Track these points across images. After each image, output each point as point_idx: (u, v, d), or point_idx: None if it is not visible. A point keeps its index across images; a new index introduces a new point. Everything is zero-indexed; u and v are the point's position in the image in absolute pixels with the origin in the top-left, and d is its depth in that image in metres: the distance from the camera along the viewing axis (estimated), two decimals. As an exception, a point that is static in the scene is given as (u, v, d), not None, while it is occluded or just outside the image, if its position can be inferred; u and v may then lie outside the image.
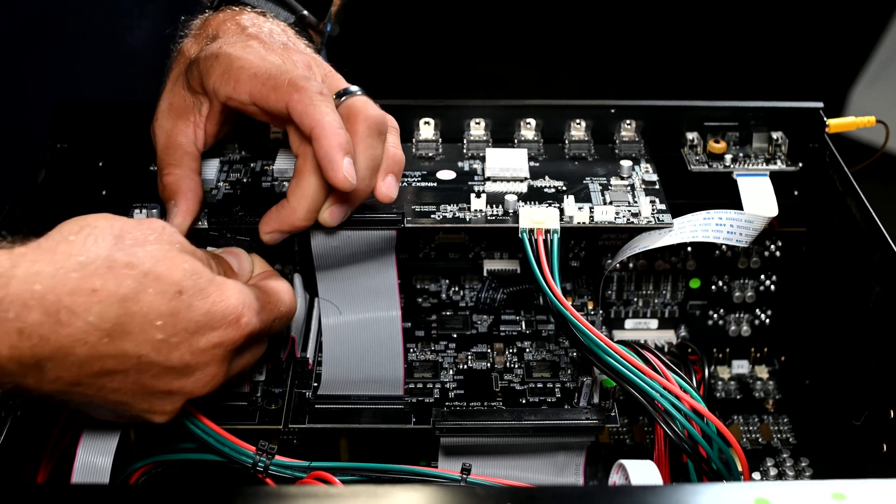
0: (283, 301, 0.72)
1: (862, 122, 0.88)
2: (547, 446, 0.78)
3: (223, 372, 0.68)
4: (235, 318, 0.66)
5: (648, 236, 0.82)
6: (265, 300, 0.70)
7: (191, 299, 0.64)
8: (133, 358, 0.63)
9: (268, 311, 0.70)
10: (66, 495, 0.62)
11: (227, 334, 0.66)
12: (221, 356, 0.67)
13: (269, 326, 0.71)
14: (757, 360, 0.97)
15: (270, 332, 0.72)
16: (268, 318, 0.70)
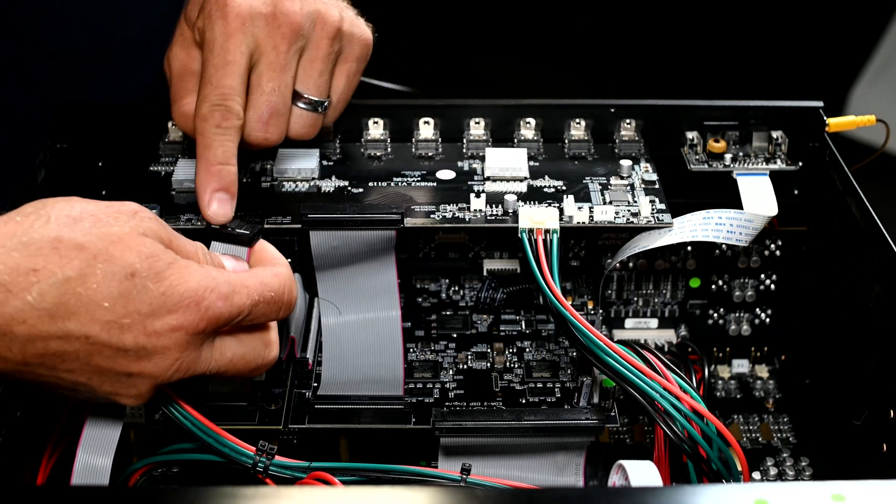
0: (269, 286, 0.70)
1: (862, 121, 0.88)
2: (547, 446, 0.78)
3: (193, 357, 0.66)
4: (194, 301, 0.65)
5: (648, 236, 0.82)
6: (239, 285, 0.68)
7: (145, 281, 0.64)
8: (80, 339, 0.63)
9: (244, 295, 0.68)
10: (66, 496, 0.62)
11: (186, 318, 0.65)
12: (184, 340, 0.65)
13: (247, 312, 0.68)
14: (757, 359, 0.97)
15: (257, 319, 0.70)
16: (243, 303, 0.67)
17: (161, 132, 0.88)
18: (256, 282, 0.69)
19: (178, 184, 0.82)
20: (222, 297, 0.66)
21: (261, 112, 0.78)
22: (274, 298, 0.70)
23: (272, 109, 0.78)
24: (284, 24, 0.77)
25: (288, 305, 0.71)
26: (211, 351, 0.68)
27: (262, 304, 0.69)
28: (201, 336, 0.66)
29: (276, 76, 0.77)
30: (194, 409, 0.75)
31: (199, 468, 0.85)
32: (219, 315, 0.66)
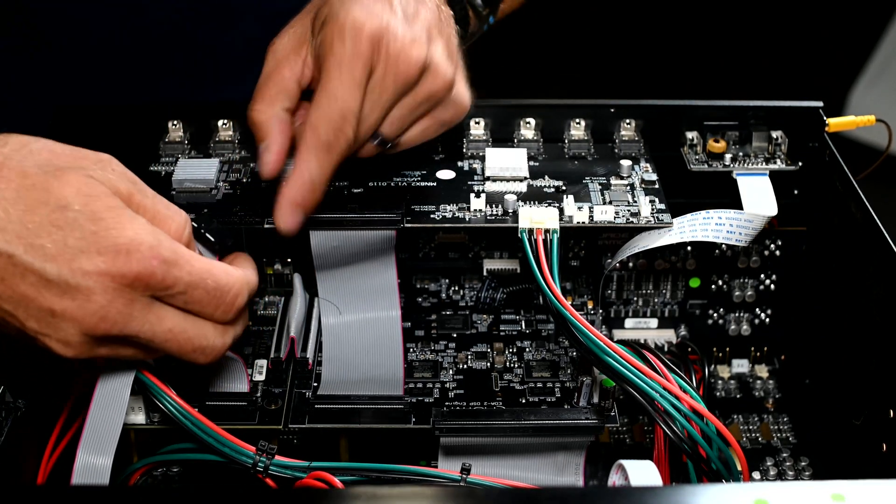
0: (216, 277, 0.68)
1: (862, 121, 0.88)
2: (547, 446, 0.78)
3: (122, 312, 0.65)
4: (126, 250, 0.64)
5: (648, 236, 0.82)
6: (185, 259, 0.67)
7: (77, 216, 0.64)
8: (3, 256, 0.63)
9: (185, 270, 0.66)
10: (66, 495, 0.62)
11: (115, 265, 0.64)
12: (111, 288, 0.64)
13: (182, 289, 0.66)
14: (757, 359, 0.97)
15: (193, 305, 0.68)
16: (179, 277, 0.66)
17: (161, 132, 0.88)
18: (204, 267, 0.68)
19: (178, 184, 0.82)
20: (160, 258, 0.65)
21: None
22: (215, 291, 0.68)
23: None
24: (402, 70, 0.74)
25: (228, 308, 0.69)
26: (146, 313, 0.66)
27: (201, 291, 0.67)
28: (131, 291, 0.65)
29: (367, 112, 0.75)
30: (194, 409, 0.76)
31: (199, 468, 0.85)
32: (150, 274, 0.65)
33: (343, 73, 0.72)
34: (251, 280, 0.72)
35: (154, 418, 0.80)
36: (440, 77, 0.76)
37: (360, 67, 0.72)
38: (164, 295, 0.67)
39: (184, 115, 0.88)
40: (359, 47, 0.72)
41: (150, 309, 0.67)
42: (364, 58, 0.72)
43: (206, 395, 0.81)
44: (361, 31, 0.72)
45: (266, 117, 0.76)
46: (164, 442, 0.80)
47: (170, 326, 0.68)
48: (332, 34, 0.73)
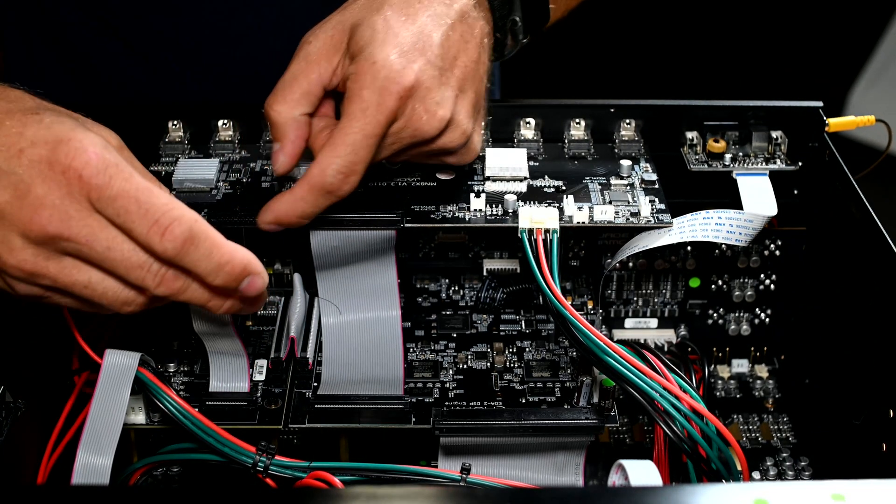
0: (155, 195, 0.66)
1: (862, 121, 0.88)
2: (547, 446, 0.78)
3: (52, 202, 0.64)
4: (69, 140, 0.65)
5: (648, 236, 0.82)
6: (128, 172, 0.66)
7: (43, 116, 0.66)
8: None
9: (122, 178, 0.65)
10: (66, 495, 0.62)
11: (54, 153, 0.64)
12: (49, 177, 0.64)
13: (115, 193, 0.65)
14: (757, 359, 0.97)
15: (122, 218, 0.65)
16: (115, 181, 0.65)
17: (161, 132, 0.88)
18: (145, 184, 0.66)
19: (179, 183, 0.82)
20: (100, 156, 0.65)
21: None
22: (148, 206, 0.65)
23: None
24: (423, 129, 0.74)
25: (161, 230, 0.65)
26: (84, 216, 0.65)
27: (134, 203, 0.65)
28: (67, 184, 0.64)
29: (377, 153, 0.74)
30: (194, 409, 0.76)
31: (199, 468, 0.85)
32: (86, 164, 0.64)
33: (365, 125, 0.71)
34: (197, 219, 0.67)
35: (154, 418, 0.80)
36: (458, 132, 0.76)
37: (383, 120, 0.72)
38: (100, 199, 0.65)
39: (184, 115, 0.88)
40: (386, 101, 0.71)
41: (90, 214, 0.65)
42: (389, 112, 0.72)
43: (206, 394, 0.81)
44: (393, 85, 0.71)
45: (284, 119, 0.75)
46: (164, 442, 0.80)
47: (107, 239, 0.66)
48: (364, 77, 0.72)
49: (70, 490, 0.67)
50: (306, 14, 0.80)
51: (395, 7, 0.74)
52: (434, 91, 0.73)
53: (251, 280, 0.68)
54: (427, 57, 0.73)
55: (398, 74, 0.72)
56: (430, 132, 0.74)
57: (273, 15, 1.05)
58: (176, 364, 0.85)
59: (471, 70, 0.76)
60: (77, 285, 0.67)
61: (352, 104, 0.72)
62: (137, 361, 0.76)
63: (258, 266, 0.69)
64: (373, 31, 0.73)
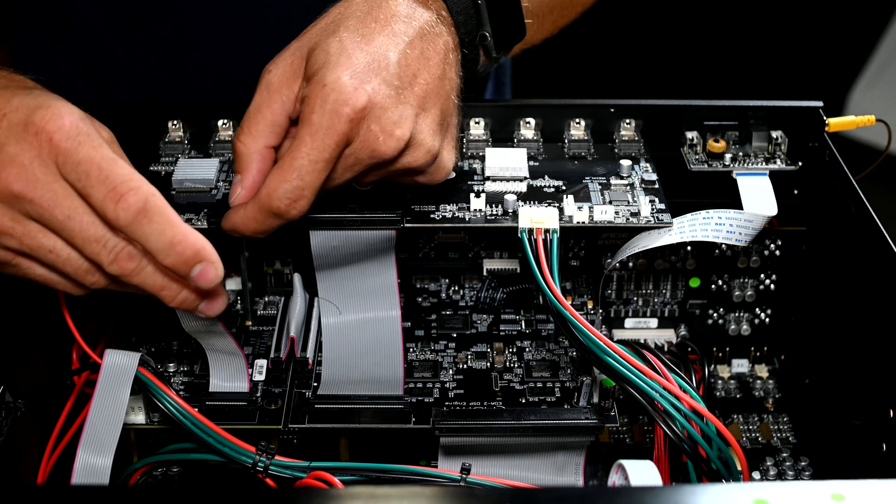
0: (118, 165, 0.67)
1: (862, 121, 0.88)
2: (547, 446, 0.78)
3: (21, 162, 0.66)
4: (48, 106, 0.67)
5: (648, 236, 0.82)
6: (98, 143, 0.67)
7: (35, 91, 0.70)
8: None
9: (90, 146, 0.67)
10: (66, 495, 0.62)
11: (31, 116, 0.67)
12: (21, 138, 0.67)
13: (79, 159, 0.67)
14: (757, 359, 0.97)
15: (88, 183, 0.67)
16: (82, 148, 0.67)
17: (161, 132, 0.88)
18: (110, 155, 0.68)
19: (179, 183, 0.82)
20: (74, 125, 0.67)
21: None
22: (110, 174, 0.67)
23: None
24: (380, 150, 0.72)
25: (117, 196, 0.66)
26: (51, 180, 0.67)
27: (96, 169, 0.66)
28: (38, 145, 0.66)
29: (337, 174, 0.73)
30: (194, 409, 0.76)
31: (199, 468, 0.85)
32: (58, 129, 0.67)
33: (313, 149, 0.70)
34: (155, 193, 0.68)
35: (154, 418, 0.80)
36: (422, 151, 0.74)
37: (332, 144, 0.70)
38: (65, 163, 0.67)
39: (184, 115, 0.88)
40: (336, 125, 0.70)
41: (56, 180, 0.67)
42: (339, 135, 0.70)
43: (206, 394, 0.81)
44: (342, 107, 0.70)
45: (249, 151, 0.73)
46: (164, 442, 0.80)
47: (69, 207, 0.67)
48: (314, 100, 0.70)
49: (70, 490, 0.67)
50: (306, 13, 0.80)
51: (350, 29, 0.73)
52: (390, 110, 0.71)
53: (203, 268, 0.68)
54: (382, 76, 0.72)
55: (349, 96, 0.70)
56: (388, 152, 0.72)
57: (274, 14, 1.05)
58: (176, 364, 0.85)
59: (433, 87, 0.75)
60: (42, 249, 0.68)
61: (301, 128, 0.71)
62: (137, 361, 0.76)
63: (212, 255, 0.68)
64: (326, 55, 0.71)
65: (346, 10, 0.74)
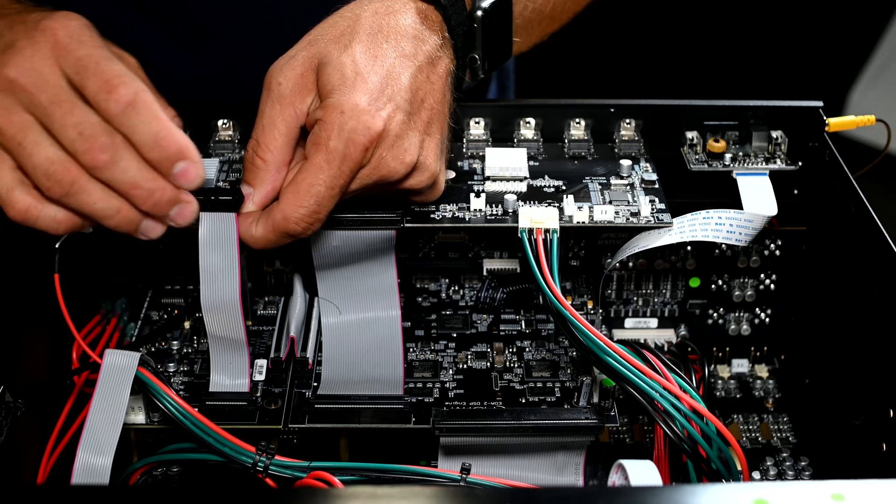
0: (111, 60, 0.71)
1: (862, 120, 0.88)
2: (547, 446, 0.78)
3: (21, 58, 0.70)
4: (58, 13, 0.71)
5: (648, 235, 0.82)
6: (97, 43, 0.71)
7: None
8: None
9: (92, 45, 0.70)
10: (66, 495, 0.62)
11: (44, 20, 0.70)
12: (30, 35, 0.70)
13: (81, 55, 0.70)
14: (757, 359, 0.97)
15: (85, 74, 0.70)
16: (84, 46, 0.70)
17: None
18: (106, 53, 0.71)
19: None
20: (83, 23, 0.72)
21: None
22: (105, 66, 0.70)
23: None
24: (389, 175, 0.74)
25: (109, 87, 0.69)
26: (38, 80, 0.69)
27: (94, 63, 0.70)
28: (40, 46, 0.70)
29: (343, 193, 0.74)
30: (194, 409, 0.76)
31: (199, 468, 0.85)
32: (66, 25, 0.71)
33: (330, 177, 0.71)
34: (145, 90, 0.71)
35: (154, 418, 0.80)
36: (426, 175, 0.76)
37: (347, 172, 0.72)
38: (66, 57, 0.70)
39: (184, 114, 0.88)
40: (352, 153, 0.71)
41: (52, 72, 0.70)
42: (355, 163, 0.71)
43: (206, 394, 0.81)
44: (360, 136, 0.71)
45: (267, 168, 0.74)
46: (164, 442, 0.80)
47: (55, 95, 0.70)
48: (331, 127, 0.71)
49: (70, 490, 0.67)
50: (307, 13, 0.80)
51: (363, 45, 0.73)
52: (402, 138, 0.73)
53: (186, 166, 0.70)
54: (396, 102, 0.72)
55: (367, 124, 0.71)
56: (396, 177, 0.74)
57: (273, 14, 1.05)
58: (176, 364, 0.85)
59: (437, 111, 0.76)
60: (13, 140, 0.70)
61: (318, 153, 0.71)
62: (137, 361, 0.76)
63: (195, 154, 0.71)
64: (342, 76, 0.72)
65: (356, 25, 0.75)
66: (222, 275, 0.77)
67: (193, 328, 0.88)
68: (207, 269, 0.76)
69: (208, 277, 0.77)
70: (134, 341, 0.87)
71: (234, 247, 0.76)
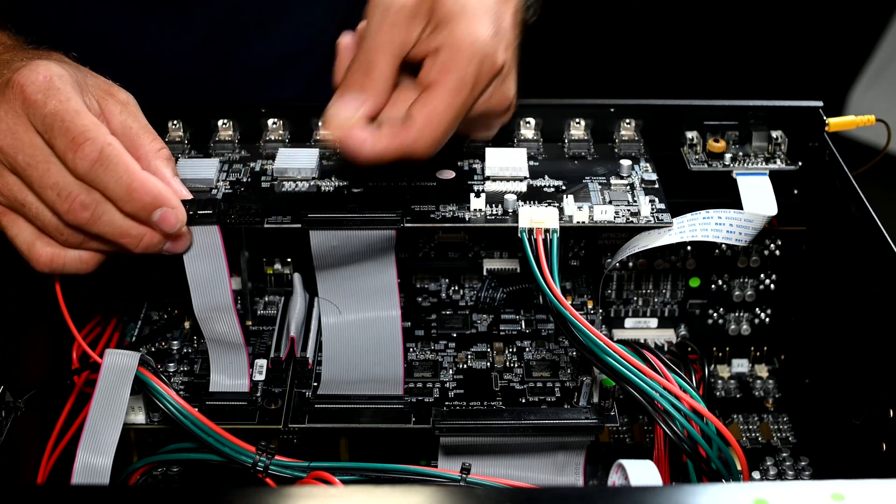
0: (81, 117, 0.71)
1: (862, 120, 0.88)
2: (547, 446, 0.78)
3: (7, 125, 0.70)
4: (36, 67, 0.71)
5: (648, 235, 0.82)
6: (66, 97, 0.71)
7: (44, 56, 0.75)
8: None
9: (57, 99, 0.70)
10: (66, 495, 0.62)
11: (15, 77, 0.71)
12: (3, 95, 0.71)
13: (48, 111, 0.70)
14: (757, 358, 0.97)
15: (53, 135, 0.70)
16: (50, 101, 0.70)
17: (161, 132, 0.88)
18: (75, 107, 0.71)
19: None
20: (49, 82, 0.71)
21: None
22: (71, 126, 0.70)
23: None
24: (491, 108, 0.78)
25: (75, 146, 0.70)
26: (14, 142, 0.70)
27: (59, 122, 0.70)
28: (11, 105, 0.70)
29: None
30: (194, 409, 0.76)
31: (199, 468, 0.85)
32: (32, 82, 0.71)
33: (462, 103, 0.73)
34: (112, 143, 0.71)
35: (154, 418, 0.80)
36: (510, 113, 0.82)
37: (471, 101, 0.74)
38: (35, 114, 0.70)
39: (184, 114, 0.88)
40: (479, 84, 0.73)
41: (26, 131, 0.70)
42: (479, 92, 0.74)
43: (206, 394, 0.81)
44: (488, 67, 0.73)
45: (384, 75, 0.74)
46: (164, 442, 0.80)
47: (31, 155, 0.70)
48: (459, 55, 0.73)
49: (70, 490, 0.67)
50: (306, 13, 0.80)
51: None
52: (509, 76, 0.77)
53: (164, 213, 0.72)
54: (507, 39, 0.76)
55: (493, 56, 0.73)
56: (498, 111, 0.79)
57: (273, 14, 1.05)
58: (176, 364, 0.85)
59: (515, 48, 0.79)
60: (17, 201, 0.72)
61: (448, 80, 0.72)
62: (137, 361, 0.76)
63: (171, 200, 0.72)
64: (463, 6, 0.74)
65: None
66: (212, 284, 0.77)
67: (193, 328, 0.88)
68: (196, 280, 0.77)
69: (198, 288, 0.77)
70: (134, 341, 0.87)
71: (221, 255, 0.77)
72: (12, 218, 0.73)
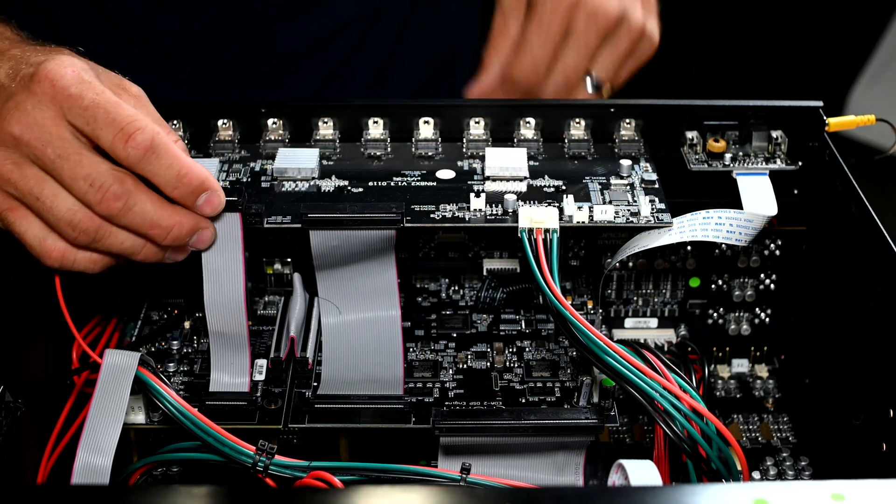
0: (121, 106, 0.72)
1: (862, 120, 0.88)
2: (546, 446, 0.78)
3: (23, 113, 0.70)
4: (59, 57, 0.72)
5: (648, 235, 0.82)
6: (100, 88, 0.71)
7: (53, 48, 0.75)
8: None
9: (94, 92, 0.71)
10: (66, 495, 0.62)
11: (43, 67, 0.71)
12: (28, 89, 0.71)
13: (87, 104, 0.71)
14: (757, 358, 0.97)
15: (93, 125, 0.71)
16: (86, 94, 0.71)
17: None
18: (114, 98, 0.72)
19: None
20: (77, 76, 0.71)
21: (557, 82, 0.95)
22: (116, 115, 0.71)
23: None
24: (601, 23, 0.93)
25: (125, 136, 0.71)
26: (43, 135, 0.71)
27: (102, 111, 0.71)
28: (40, 98, 0.71)
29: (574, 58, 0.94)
30: (194, 409, 0.76)
31: (199, 468, 0.85)
32: (62, 77, 0.71)
33: (542, 33, 0.91)
34: (160, 131, 0.73)
35: (154, 418, 0.80)
36: (634, 25, 0.96)
37: (556, 26, 0.91)
38: (71, 108, 0.71)
39: (184, 114, 0.88)
40: (558, 10, 0.91)
41: (55, 124, 0.71)
42: (561, 17, 0.91)
43: (206, 394, 0.81)
44: (605, 20, 0.93)
45: (511, 32, 0.96)
46: (164, 442, 0.80)
47: (61, 147, 0.71)
48: (581, 8, 0.91)
49: (70, 490, 0.67)
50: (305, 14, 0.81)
51: None
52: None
53: (209, 196, 0.73)
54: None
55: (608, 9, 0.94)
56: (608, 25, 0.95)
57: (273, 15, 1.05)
58: (176, 364, 0.85)
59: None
60: (31, 196, 0.72)
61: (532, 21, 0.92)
62: (137, 361, 0.76)
63: (215, 184, 0.74)
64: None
65: None
66: (226, 274, 0.77)
67: (193, 328, 0.88)
68: (211, 268, 0.77)
69: (212, 277, 0.77)
70: (134, 341, 0.87)
71: (239, 246, 0.77)
72: (22, 213, 0.73)
